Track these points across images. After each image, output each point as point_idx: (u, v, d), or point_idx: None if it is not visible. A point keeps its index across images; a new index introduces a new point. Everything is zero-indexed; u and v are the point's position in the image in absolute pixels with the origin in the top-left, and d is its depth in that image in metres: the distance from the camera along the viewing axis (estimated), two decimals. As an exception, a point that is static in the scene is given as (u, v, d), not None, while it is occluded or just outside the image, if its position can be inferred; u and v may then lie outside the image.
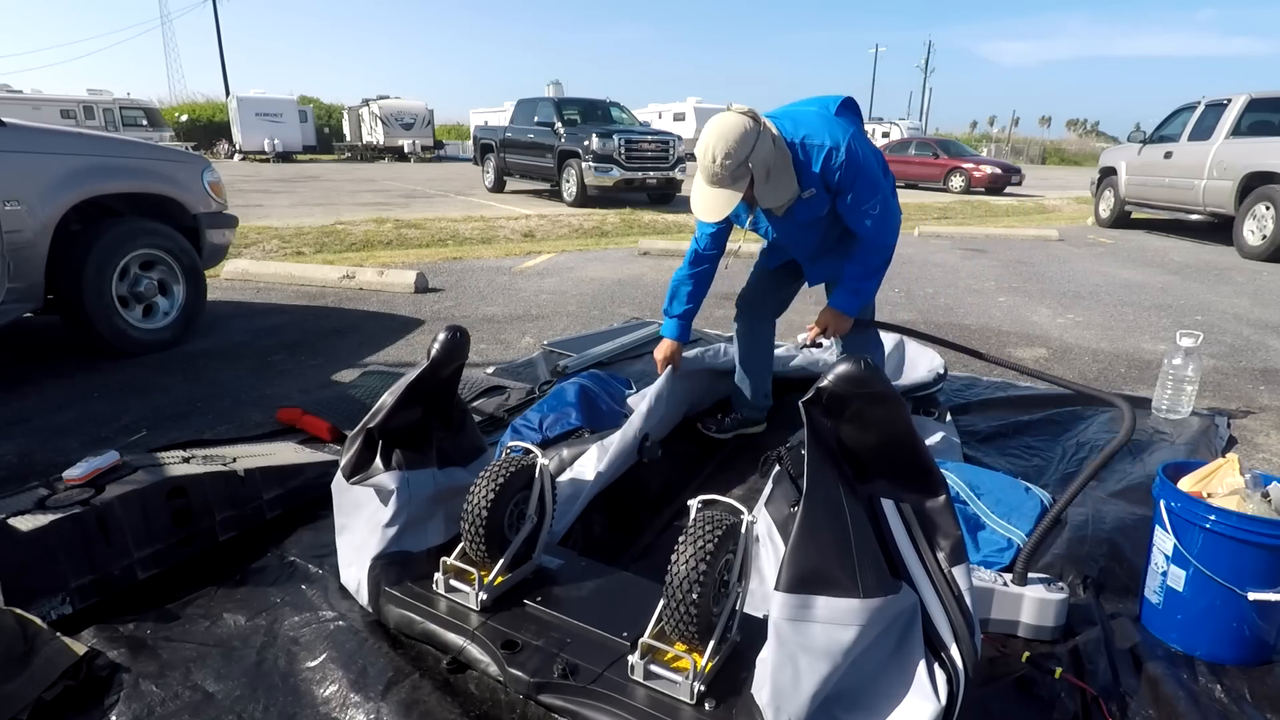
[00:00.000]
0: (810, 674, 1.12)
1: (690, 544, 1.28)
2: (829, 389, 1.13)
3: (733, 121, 1.94)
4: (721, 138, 1.93)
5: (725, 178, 1.96)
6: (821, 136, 2.03)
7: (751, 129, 1.94)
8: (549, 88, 14.03)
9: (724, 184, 1.98)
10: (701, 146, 1.97)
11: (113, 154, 3.49)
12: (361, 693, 1.37)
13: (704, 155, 1.96)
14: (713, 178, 1.98)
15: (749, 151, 1.93)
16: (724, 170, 1.95)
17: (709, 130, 1.97)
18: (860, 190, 2.07)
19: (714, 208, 2.01)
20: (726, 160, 1.93)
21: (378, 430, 1.60)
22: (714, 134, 1.95)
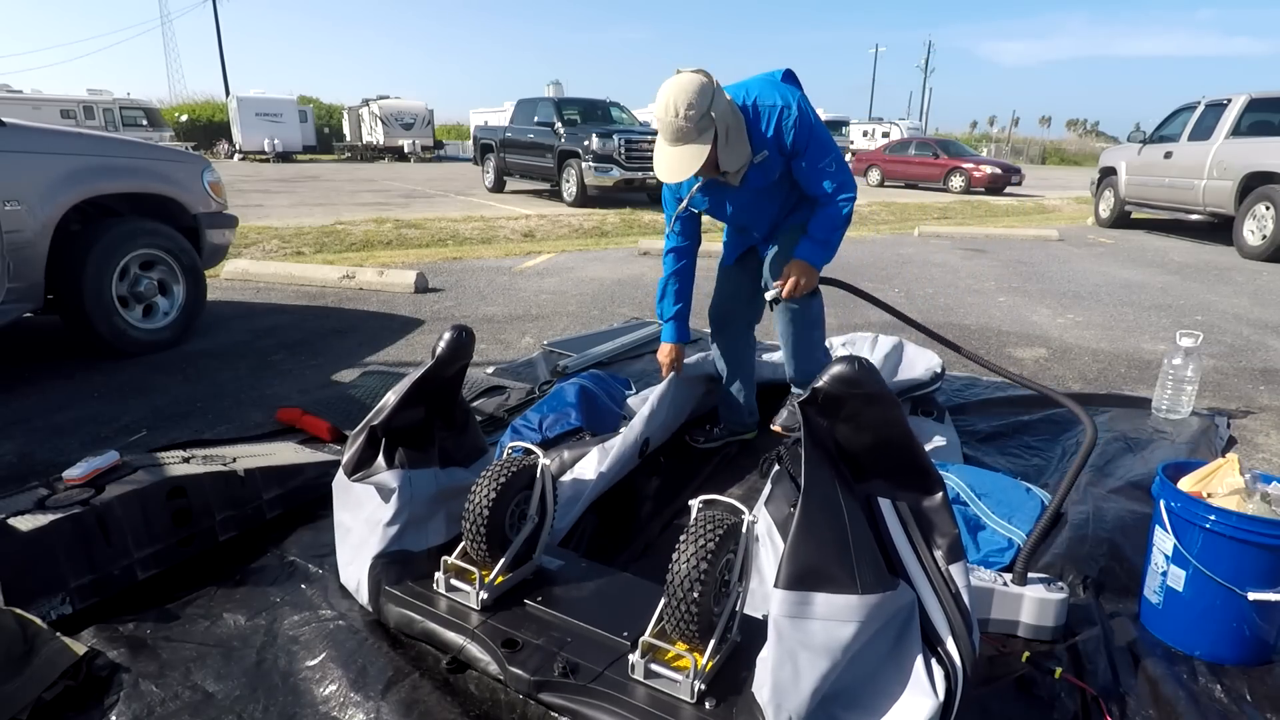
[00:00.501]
0: (810, 671, 1.12)
1: (691, 543, 1.29)
2: (824, 389, 1.13)
3: (689, 77, 1.91)
4: (682, 90, 1.89)
5: (690, 130, 1.91)
6: (772, 97, 2.01)
7: (708, 83, 1.91)
8: (549, 88, 14.04)
9: (689, 138, 1.92)
10: (661, 104, 1.92)
11: (113, 154, 3.49)
12: (361, 692, 1.37)
13: (665, 111, 1.90)
14: (677, 133, 1.92)
15: (709, 102, 1.90)
16: (688, 123, 1.89)
17: (666, 88, 1.92)
18: (814, 149, 2.06)
19: (680, 165, 1.95)
20: (690, 111, 1.88)
21: (381, 428, 1.60)
22: (673, 89, 1.90)
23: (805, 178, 2.12)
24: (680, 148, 1.94)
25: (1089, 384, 3.43)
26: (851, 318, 4.66)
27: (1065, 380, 3.48)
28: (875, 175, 19.01)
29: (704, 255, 2.55)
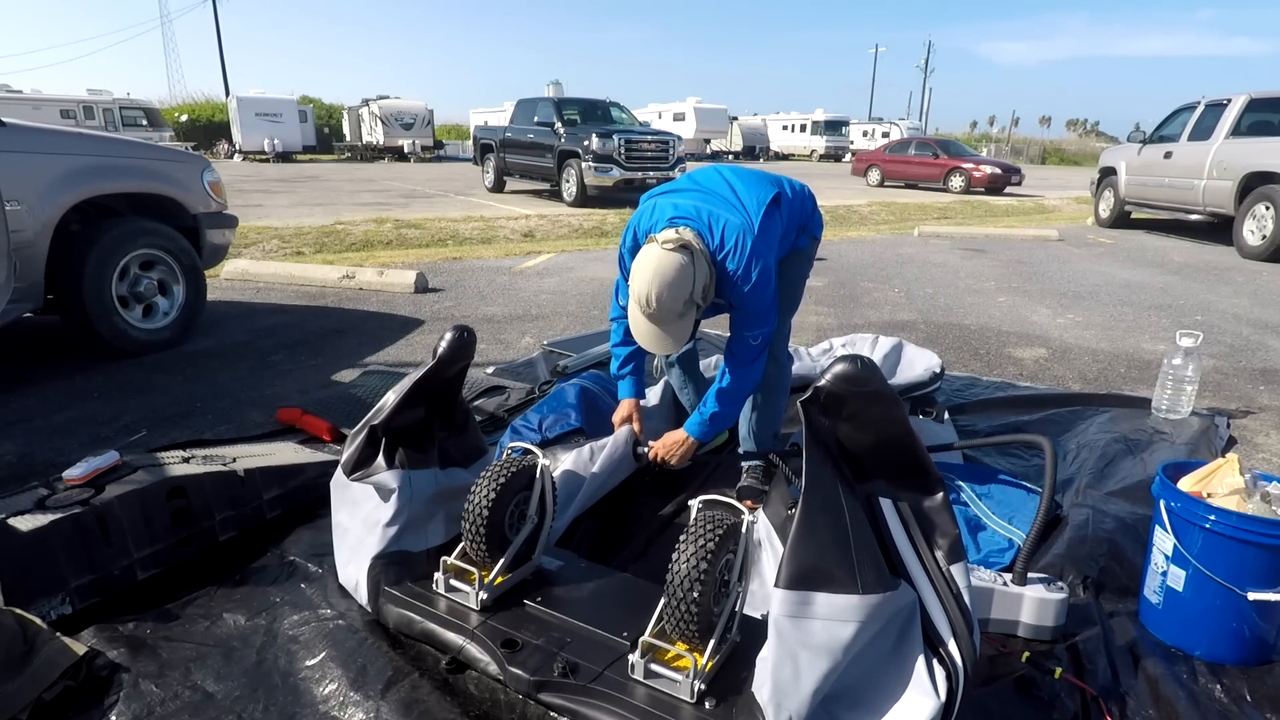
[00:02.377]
0: (810, 671, 1.12)
1: (691, 543, 1.29)
2: (826, 388, 1.13)
3: (668, 263, 1.78)
4: (660, 282, 1.78)
5: (670, 316, 1.83)
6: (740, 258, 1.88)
7: (687, 264, 1.80)
8: (549, 88, 14.03)
9: (669, 321, 1.85)
10: (638, 293, 1.81)
11: (113, 154, 3.49)
12: (361, 692, 1.37)
13: (643, 303, 1.80)
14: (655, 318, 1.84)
15: (690, 288, 1.81)
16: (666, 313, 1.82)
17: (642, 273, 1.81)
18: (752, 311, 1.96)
19: (665, 342, 1.88)
20: (669, 302, 1.80)
21: (381, 428, 1.60)
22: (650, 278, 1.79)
23: (733, 338, 2.03)
24: (662, 329, 1.87)
25: (1089, 384, 3.43)
26: (851, 318, 4.66)
27: (1065, 380, 3.48)
28: (875, 175, 19.01)
29: None
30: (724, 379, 2.05)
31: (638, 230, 2.02)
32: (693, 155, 29.83)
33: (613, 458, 2.10)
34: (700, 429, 2.10)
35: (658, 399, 2.41)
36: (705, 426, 2.10)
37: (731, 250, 1.89)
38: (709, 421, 2.09)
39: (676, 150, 11.42)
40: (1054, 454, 1.61)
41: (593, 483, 2.02)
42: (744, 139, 37.36)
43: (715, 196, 1.99)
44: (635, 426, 2.26)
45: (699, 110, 33.75)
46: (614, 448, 2.12)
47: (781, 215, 2.03)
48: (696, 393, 2.50)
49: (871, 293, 5.47)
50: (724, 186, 2.03)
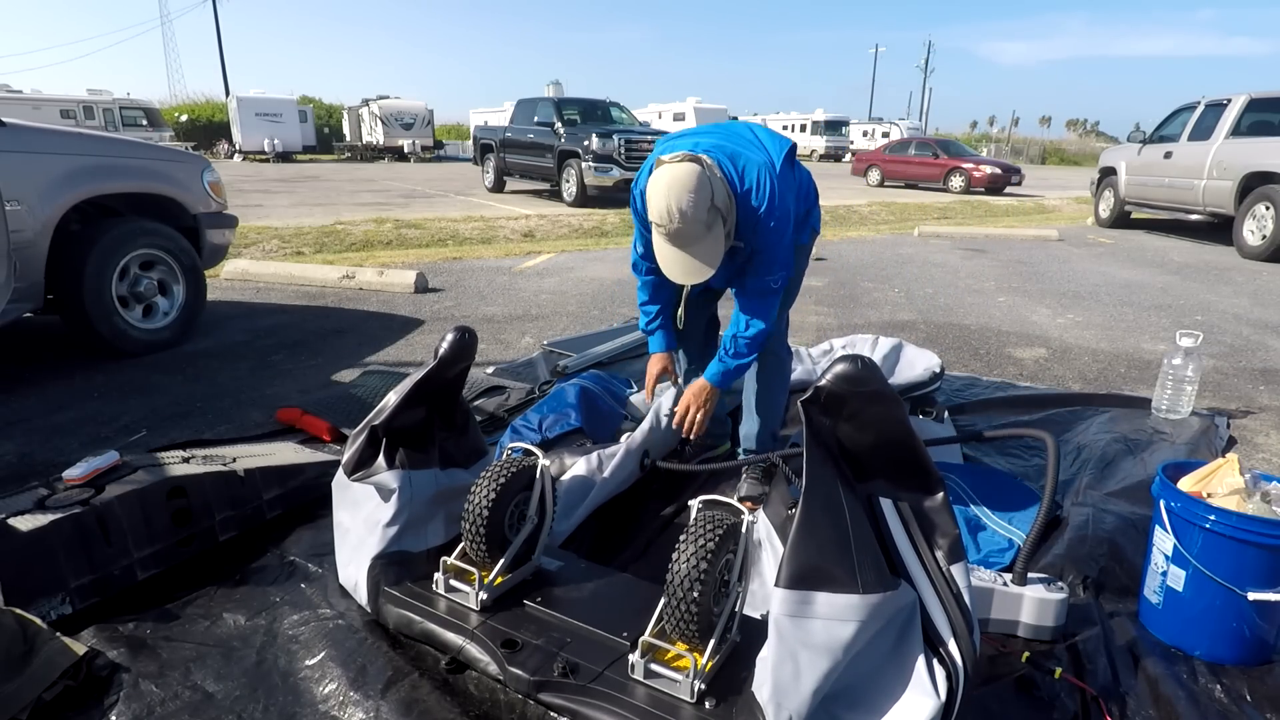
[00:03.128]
0: (811, 670, 1.12)
1: (691, 543, 1.29)
2: (827, 388, 1.13)
3: (682, 171, 1.72)
4: (679, 189, 1.70)
5: (696, 231, 1.74)
6: (763, 194, 1.82)
7: (703, 172, 1.73)
8: (549, 88, 14.03)
9: (696, 238, 1.75)
10: (657, 209, 1.74)
11: (113, 154, 3.49)
12: (361, 691, 1.37)
13: (664, 217, 1.72)
14: (680, 237, 1.75)
15: (709, 194, 1.73)
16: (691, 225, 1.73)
17: (657, 189, 1.73)
18: (772, 257, 1.89)
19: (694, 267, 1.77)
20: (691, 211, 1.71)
21: (382, 428, 1.60)
22: (665, 189, 1.72)
23: (748, 282, 1.96)
24: (686, 253, 1.76)
25: (1089, 384, 3.43)
26: (851, 318, 4.66)
27: (1065, 380, 3.48)
28: (875, 175, 19.01)
29: None
30: (742, 324, 1.99)
31: (638, 181, 1.96)
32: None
33: (622, 466, 2.11)
34: (721, 376, 2.04)
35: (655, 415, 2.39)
36: (727, 373, 2.04)
37: (754, 187, 1.82)
38: (732, 368, 2.02)
39: (676, 150, 11.40)
40: (1057, 449, 1.61)
41: (601, 489, 2.03)
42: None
43: (735, 137, 1.93)
44: (672, 377, 2.28)
45: (699, 110, 33.71)
46: (624, 457, 2.12)
47: (796, 175, 1.98)
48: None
49: (871, 293, 5.47)
50: (744, 130, 1.98)
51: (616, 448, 2.15)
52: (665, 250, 1.81)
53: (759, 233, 1.85)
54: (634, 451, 2.17)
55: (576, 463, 2.06)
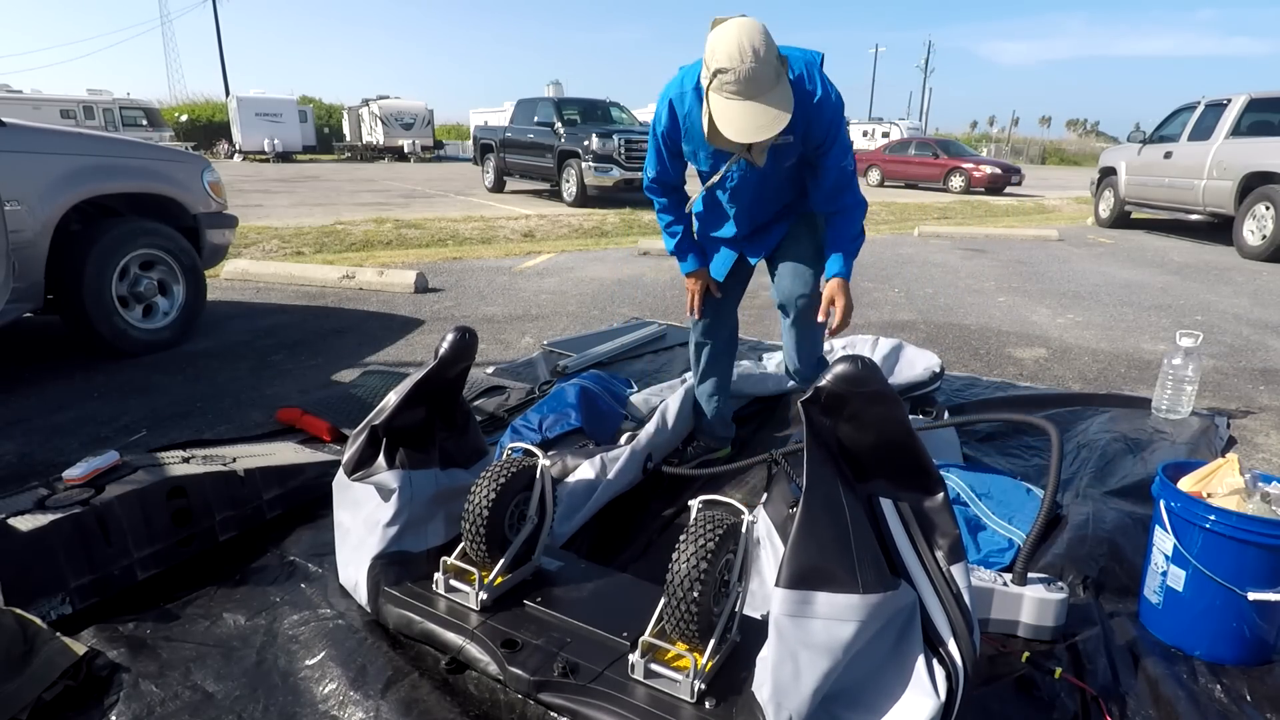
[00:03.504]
0: (811, 670, 1.12)
1: (691, 542, 1.29)
2: (827, 388, 1.13)
3: (747, 19, 1.68)
4: (752, 30, 1.64)
5: (772, 75, 1.65)
6: (815, 80, 1.82)
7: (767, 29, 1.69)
8: (549, 88, 14.05)
9: (770, 84, 1.65)
10: (732, 49, 1.63)
11: (113, 154, 3.49)
12: (361, 691, 1.37)
13: (740, 56, 1.62)
14: (757, 81, 1.64)
15: (776, 49, 1.67)
16: (769, 66, 1.63)
17: (731, 33, 1.65)
18: (841, 145, 1.90)
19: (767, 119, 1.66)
20: (767, 52, 1.63)
21: (382, 428, 1.60)
22: (740, 31, 1.64)
23: (826, 176, 1.93)
24: (759, 102, 1.65)
25: (1089, 384, 3.43)
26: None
27: (1065, 380, 3.48)
28: (875, 175, 19.01)
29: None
30: (842, 215, 1.97)
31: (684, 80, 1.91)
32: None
33: (626, 469, 2.11)
34: (846, 265, 1.99)
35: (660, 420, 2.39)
36: (850, 260, 2.00)
37: (804, 74, 1.80)
38: (849, 256, 2.00)
39: (676, 150, 11.41)
40: (1060, 442, 1.60)
41: (604, 491, 2.03)
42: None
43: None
44: (714, 290, 2.28)
45: (699, 110, 33.68)
46: (628, 460, 2.13)
47: None
48: (720, 388, 2.45)
49: (871, 293, 5.47)
50: None
51: (620, 450, 2.15)
52: (731, 107, 1.67)
53: (820, 118, 1.82)
54: (638, 454, 2.17)
55: (580, 465, 2.06)
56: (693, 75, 1.87)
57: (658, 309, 4.76)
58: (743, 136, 1.70)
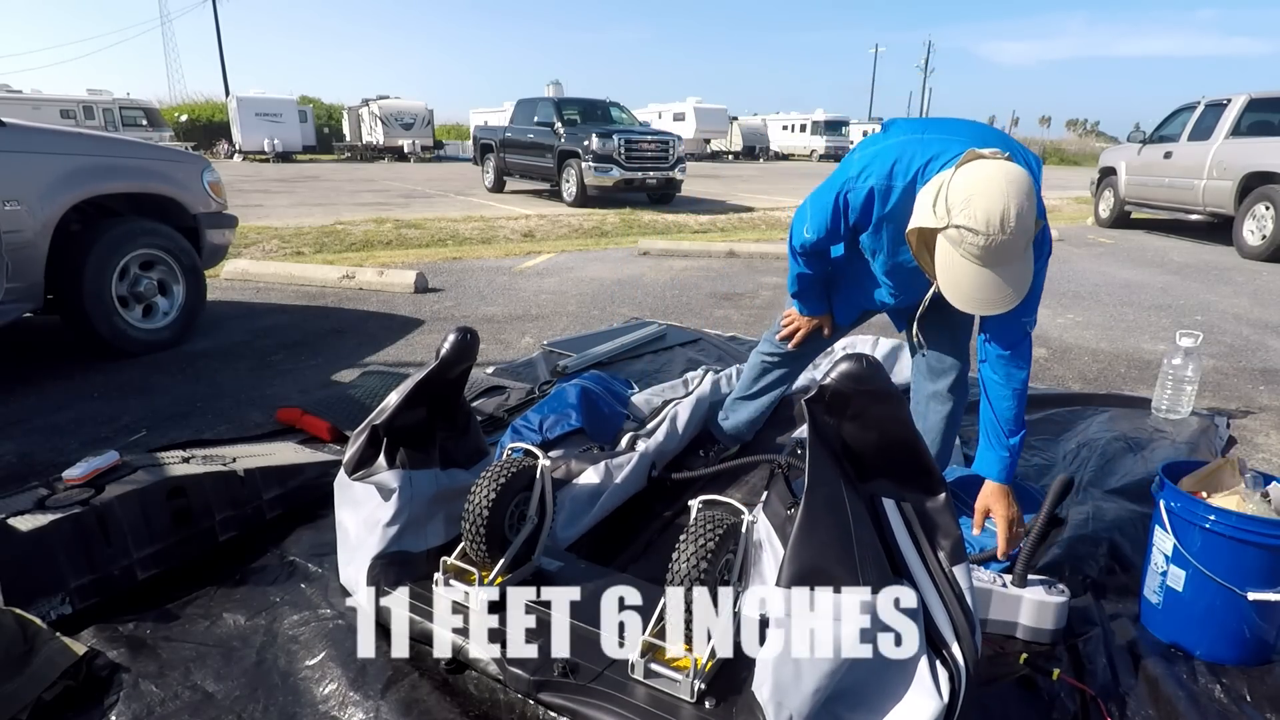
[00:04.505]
0: (812, 670, 1.12)
1: (691, 542, 1.29)
2: (831, 387, 1.13)
3: (1019, 173, 1.40)
4: (1020, 193, 1.36)
5: (1022, 245, 1.41)
6: (1045, 229, 1.55)
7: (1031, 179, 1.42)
8: (549, 88, 14.02)
9: (1016, 255, 1.41)
10: (993, 216, 1.35)
11: (113, 154, 3.48)
12: (361, 691, 1.37)
13: (1000, 226, 1.35)
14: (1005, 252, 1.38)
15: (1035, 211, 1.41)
16: (1023, 237, 1.39)
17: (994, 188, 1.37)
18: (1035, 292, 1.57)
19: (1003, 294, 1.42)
20: (1025, 222, 1.37)
21: (383, 428, 1.60)
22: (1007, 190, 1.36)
23: (1004, 324, 1.62)
24: (997, 273, 1.40)
25: (1089, 384, 3.43)
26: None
27: (1065, 380, 3.48)
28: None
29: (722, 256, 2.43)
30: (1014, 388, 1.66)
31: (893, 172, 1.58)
32: (693, 155, 29.83)
33: (632, 477, 2.11)
34: (1006, 470, 1.69)
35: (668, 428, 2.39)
36: (1015, 459, 1.70)
37: (1045, 226, 1.55)
38: (1012, 455, 1.69)
39: (676, 150, 11.42)
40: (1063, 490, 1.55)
41: (609, 497, 2.02)
42: (744, 139, 37.36)
43: (1002, 142, 1.58)
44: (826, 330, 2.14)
45: (699, 110, 33.74)
46: (635, 467, 2.13)
47: None
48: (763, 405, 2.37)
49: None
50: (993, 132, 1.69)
51: (627, 457, 2.15)
52: (966, 270, 1.42)
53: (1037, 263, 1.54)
54: (645, 461, 2.18)
55: (585, 470, 2.05)
56: (905, 172, 1.57)
57: (658, 309, 4.76)
58: (971, 308, 1.48)
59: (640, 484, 2.17)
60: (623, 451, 2.25)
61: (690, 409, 2.48)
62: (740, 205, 12.17)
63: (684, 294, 5.23)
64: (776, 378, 2.35)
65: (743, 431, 2.48)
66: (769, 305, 4.89)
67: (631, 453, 2.20)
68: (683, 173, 11.62)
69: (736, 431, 2.47)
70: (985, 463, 1.72)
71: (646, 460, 2.19)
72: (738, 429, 2.46)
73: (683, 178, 11.69)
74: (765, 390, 2.37)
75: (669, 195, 11.88)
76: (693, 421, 2.48)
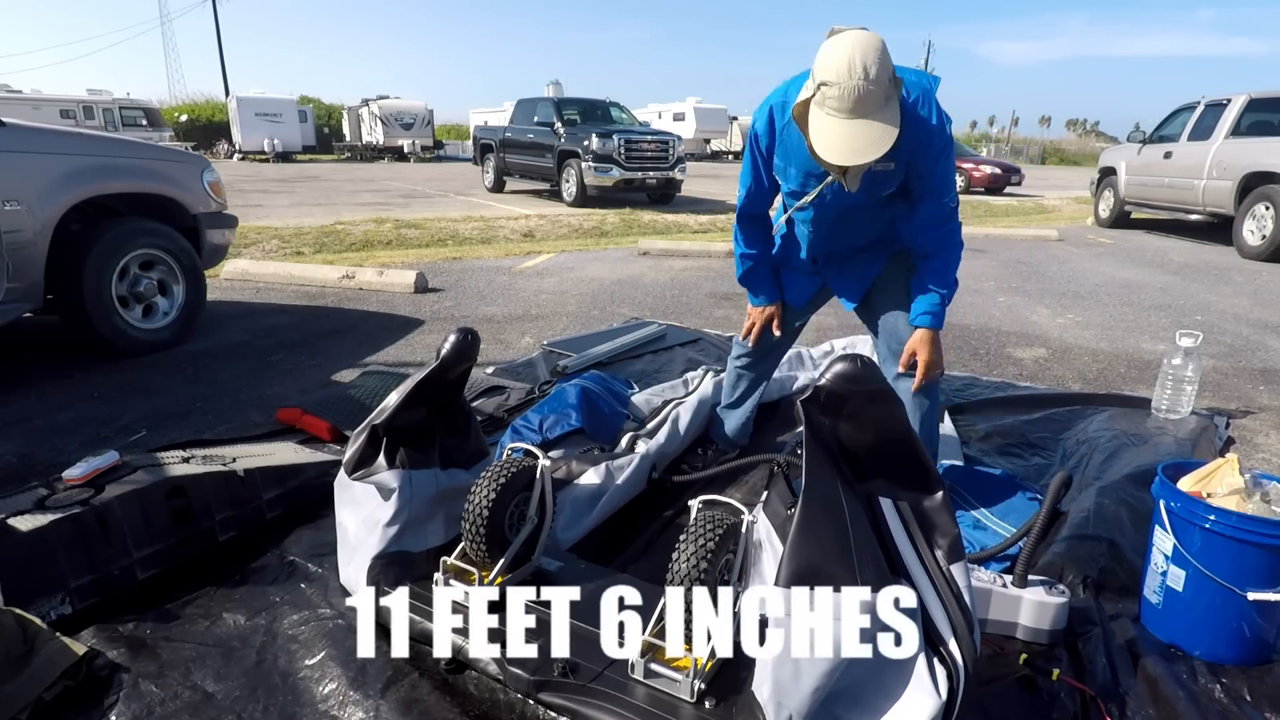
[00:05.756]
0: (811, 669, 1.12)
1: (691, 542, 1.29)
2: (827, 387, 1.13)
3: (867, 34, 1.55)
4: (869, 47, 1.52)
5: (879, 97, 1.53)
6: (930, 106, 1.69)
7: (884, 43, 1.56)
8: (549, 88, 14.03)
9: (877, 107, 1.53)
10: (840, 64, 1.52)
11: (113, 154, 3.49)
12: (361, 691, 1.37)
13: (849, 73, 1.50)
14: (864, 101, 1.52)
15: (891, 65, 1.55)
16: (878, 86, 1.52)
17: (845, 46, 1.53)
18: (943, 177, 1.76)
19: (868, 142, 1.54)
20: (880, 72, 1.51)
21: (383, 428, 1.60)
22: (855, 45, 1.53)
23: (923, 210, 1.81)
24: (865, 121, 1.54)
25: (1089, 384, 3.43)
26: (852, 318, 4.65)
27: (1065, 380, 3.48)
28: (875, 175, 18.97)
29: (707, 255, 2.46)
30: (934, 259, 1.84)
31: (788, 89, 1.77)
32: (693, 155, 29.82)
33: (633, 479, 2.11)
34: (935, 317, 1.86)
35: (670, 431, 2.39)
36: (939, 309, 1.86)
37: (921, 98, 1.68)
38: (942, 302, 1.85)
39: (676, 150, 11.43)
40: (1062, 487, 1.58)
41: (610, 499, 2.02)
42: (744, 139, 37.34)
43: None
44: (775, 328, 2.21)
45: (699, 110, 33.75)
46: (636, 469, 2.13)
47: None
48: (747, 409, 2.44)
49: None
50: None
51: (628, 459, 2.15)
52: (832, 125, 1.55)
53: (929, 148, 1.70)
54: (646, 463, 2.18)
55: (586, 472, 2.05)
56: (798, 85, 1.74)
57: (658, 309, 4.76)
58: (839, 159, 1.58)
59: (641, 486, 2.17)
60: (623, 452, 2.25)
61: (692, 411, 2.48)
62: (740, 205, 12.15)
63: (684, 294, 5.23)
64: (752, 380, 2.41)
65: (737, 437, 2.51)
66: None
67: (632, 454, 2.20)
68: (683, 173, 11.62)
69: (732, 437, 2.51)
70: (918, 308, 1.88)
71: (647, 462, 2.19)
72: (733, 434, 2.50)
73: (683, 178, 11.69)
74: (745, 395, 2.44)
75: (669, 195, 11.88)
76: (694, 423, 2.48)
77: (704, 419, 2.55)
